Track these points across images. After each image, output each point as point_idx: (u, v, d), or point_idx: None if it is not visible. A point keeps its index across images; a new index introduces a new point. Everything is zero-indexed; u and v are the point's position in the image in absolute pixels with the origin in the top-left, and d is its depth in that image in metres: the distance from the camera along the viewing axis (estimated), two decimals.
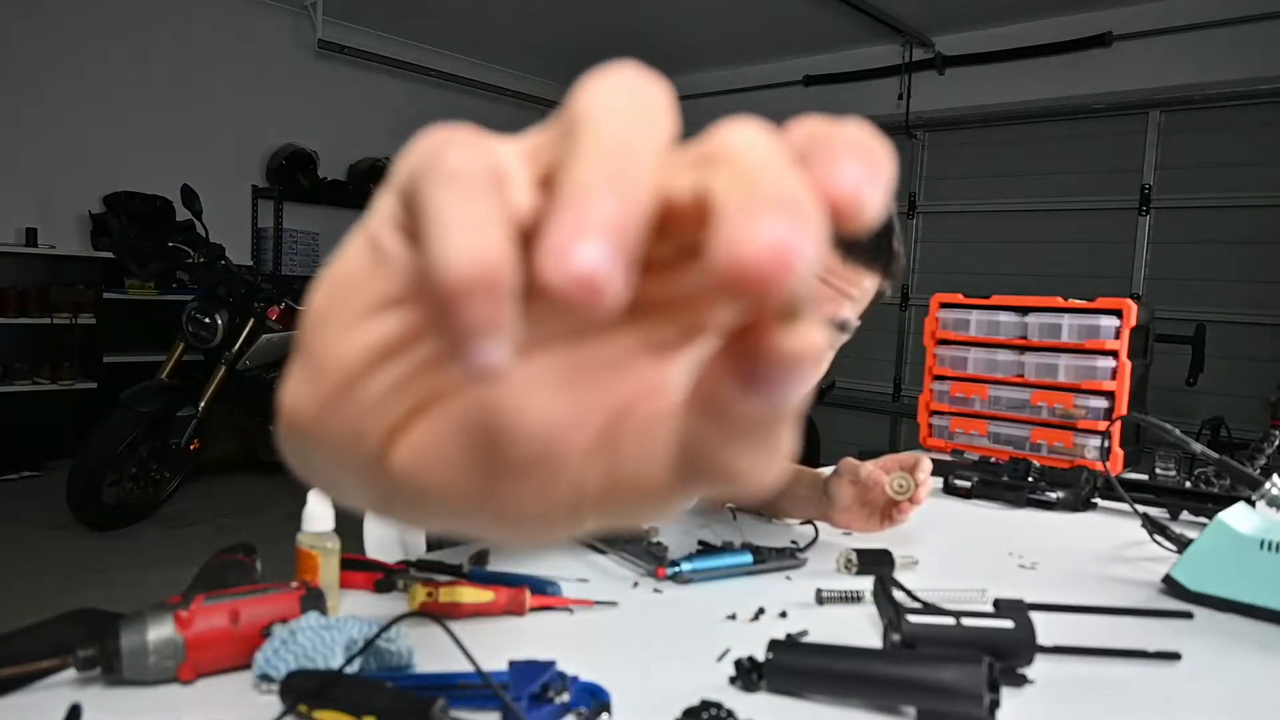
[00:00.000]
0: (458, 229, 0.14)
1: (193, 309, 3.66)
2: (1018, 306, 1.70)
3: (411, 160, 0.16)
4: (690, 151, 0.16)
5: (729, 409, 0.15)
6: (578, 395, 0.17)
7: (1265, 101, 4.21)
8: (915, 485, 0.96)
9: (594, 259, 0.14)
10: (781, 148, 0.15)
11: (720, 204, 0.14)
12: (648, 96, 0.16)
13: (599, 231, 0.14)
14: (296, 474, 0.25)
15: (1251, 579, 0.83)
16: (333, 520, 0.73)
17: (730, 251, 0.14)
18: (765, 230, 0.13)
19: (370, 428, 0.18)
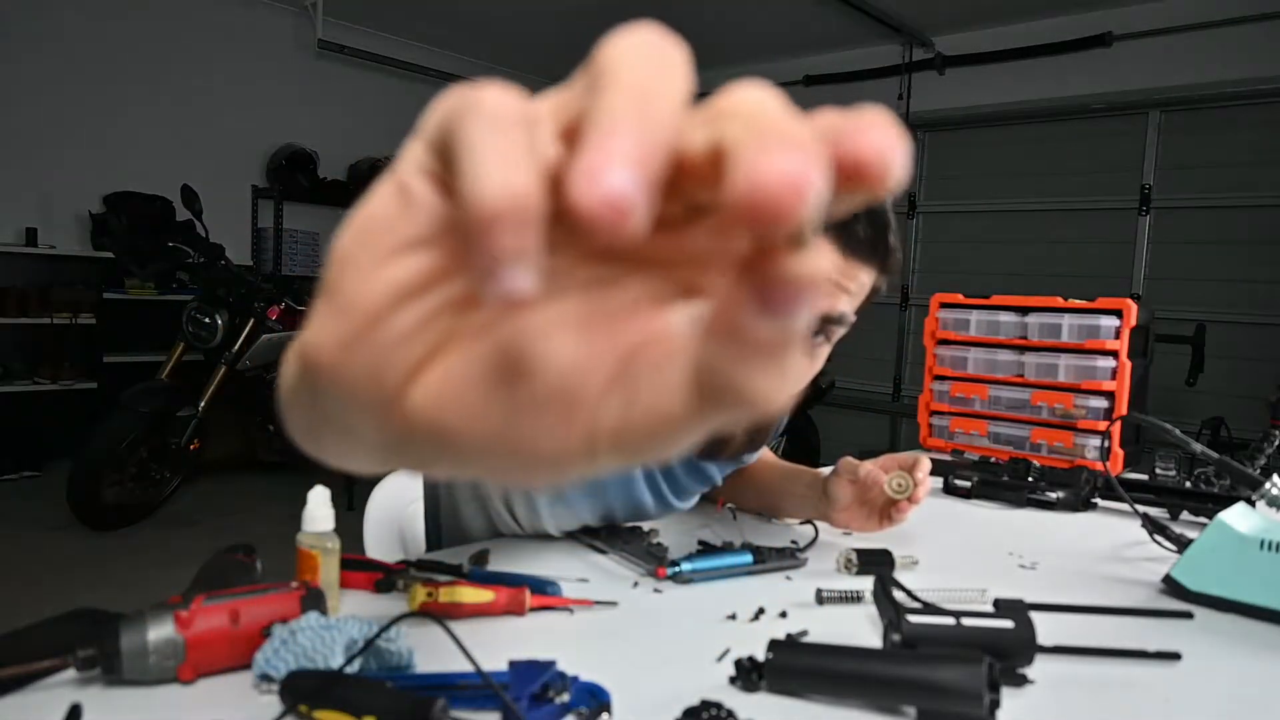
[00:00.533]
0: (492, 161, 0.16)
1: (193, 309, 3.66)
2: (1018, 306, 1.70)
3: (441, 110, 0.18)
4: (702, 110, 0.17)
5: (746, 332, 0.17)
6: (594, 336, 0.18)
7: (1265, 101, 4.21)
8: (914, 485, 0.96)
9: (622, 183, 0.15)
10: (786, 105, 0.16)
11: (736, 146, 0.15)
12: (668, 51, 0.17)
13: (627, 159, 0.15)
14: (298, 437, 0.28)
15: (1251, 579, 0.83)
16: (333, 520, 0.73)
17: (749, 180, 0.15)
18: (780, 162, 0.15)
19: (391, 365, 0.18)
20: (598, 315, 0.18)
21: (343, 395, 0.19)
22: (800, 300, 0.16)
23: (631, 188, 0.15)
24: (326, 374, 0.19)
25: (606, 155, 0.15)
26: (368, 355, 0.18)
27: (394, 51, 5.72)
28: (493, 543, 0.97)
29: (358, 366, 0.19)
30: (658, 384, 0.18)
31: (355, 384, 0.19)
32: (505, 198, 0.15)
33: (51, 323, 4.28)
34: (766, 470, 1.18)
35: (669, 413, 0.18)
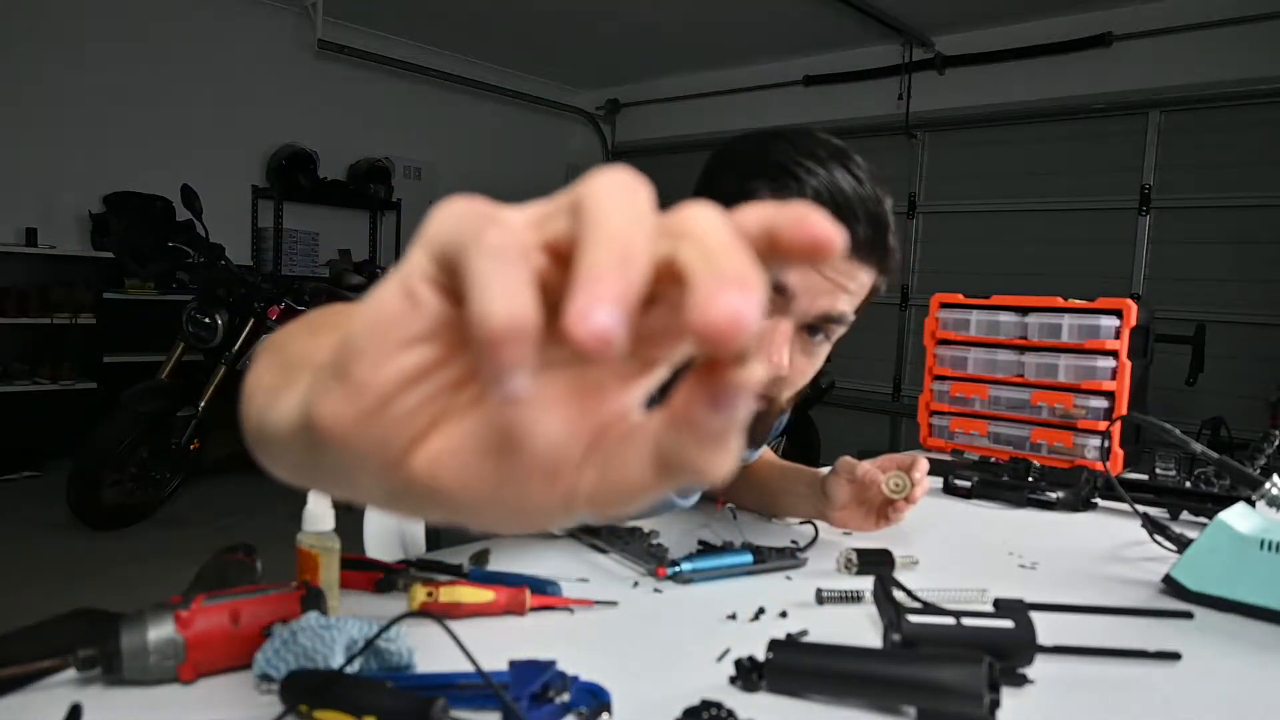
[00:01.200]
0: (498, 292, 0.19)
1: (193, 309, 3.66)
2: (1018, 306, 1.70)
3: (442, 228, 0.21)
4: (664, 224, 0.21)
5: (699, 423, 0.21)
6: (572, 415, 0.22)
7: (1265, 101, 4.21)
8: (911, 485, 0.96)
9: (608, 321, 0.19)
10: (733, 230, 0.20)
11: (690, 275, 0.19)
12: (637, 194, 0.21)
13: (611, 301, 0.19)
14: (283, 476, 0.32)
15: (1251, 579, 0.83)
16: (333, 520, 0.73)
17: (702, 316, 0.19)
18: (726, 302, 0.19)
19: (397, 436, 0.22)
20: (573, 393, 0.22)
21: (351, 459, 0.23)
22: (741, 399, 0.21)
23: (614, 322, 0.19)
24: (338, 443, 0.23)
25: (593, 298, 0.19)
26: (377, 429, 0.22)
27: (394, 51, 5.72)
28: (493, 542, 0.97)
29: (368, 438, 0.22)
30: (625, 458, 0.22)
31: (364, 451, 0.23)
32: (509, 324, 0.19)
33: (51, 323, 4.28)
34: (766, 469, 1.18)
35: (634, 481, 0.22)
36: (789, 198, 0.74)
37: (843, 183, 0.79)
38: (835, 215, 0.65)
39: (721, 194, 0.83)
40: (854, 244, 0.81)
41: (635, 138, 6.84)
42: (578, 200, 0.20)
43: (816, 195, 0.79)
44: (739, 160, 0.84)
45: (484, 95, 6.33)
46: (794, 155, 0.80)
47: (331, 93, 5.58)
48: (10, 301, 4.20)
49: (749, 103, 5.91)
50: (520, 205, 0.22)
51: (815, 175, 0.79)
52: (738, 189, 0.81)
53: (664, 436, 0.22)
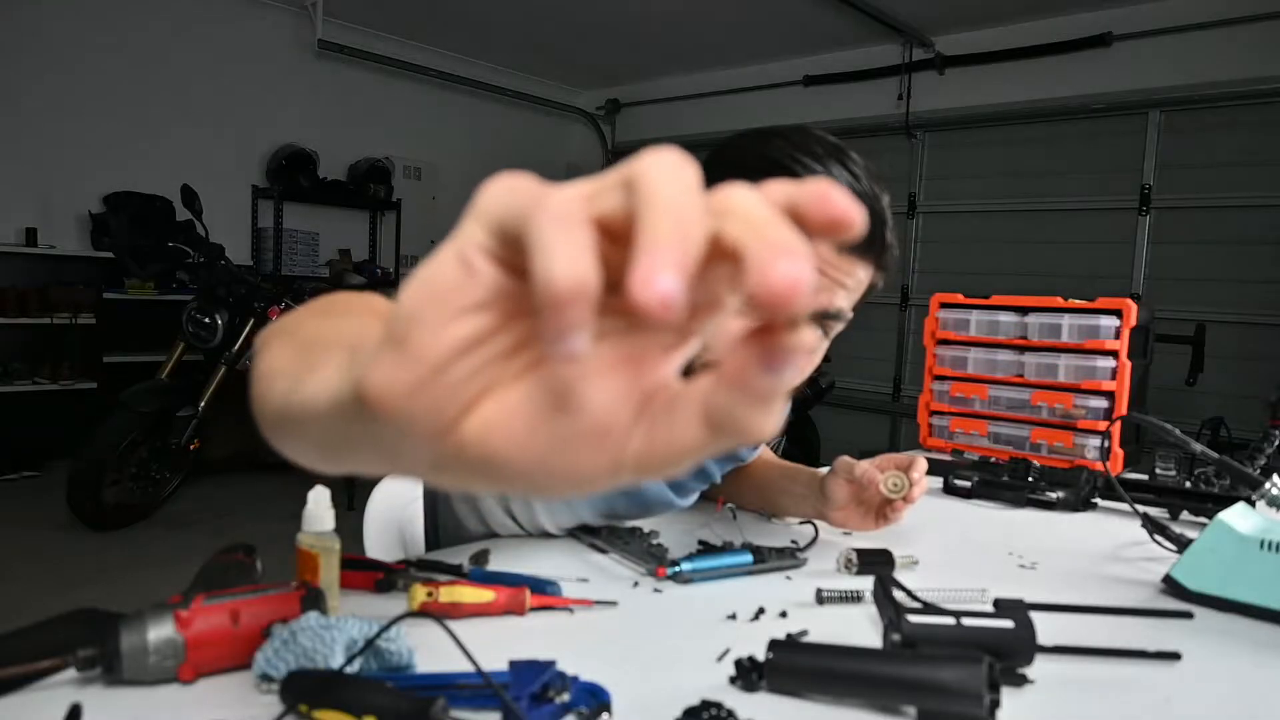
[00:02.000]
0: (561, 256, 0.20)
1: (193, 309, 3.66)
2: (1018, 306, 1.70)
3: (497, 201, 0.22)
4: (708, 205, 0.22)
5: (752, 383, 0.22)
6: (622, 380, 0.23)
7: (1265, 101, 4.21)
8: (909, 485, 0.96)
9: (670, 285, 0.20)
10: (770, 206, 0.22)
11: (744, 247, 0.21)
12: (687, 171, 0.22)
13: (672, 267, 0.20)
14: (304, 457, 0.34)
15: (1251, 579, 0.83)
16: (333, 520, 0.73)
17: (763, 282, 0.20)
18: (784, 269, 0.20)
19: (451, 404, 0.23)
20: (621, 361, 0.23)
21: (401, 427, 0.24)
22: (793, 362, 0.22)
23: (676, 288, 0.20)
24: (391, 411, 0.23)
25: (656, 264, 0.20)
26: (433, 396, 0.23)
27: (394, 51, 5.72)
28: (492, 543, 0.97)
29: (422, 405, 0.23)
30: (673, 420, 0.23)
31: (416, 419, 0.23)
32: (573, 285, 0.20)
33: (51, 323, 4.28)
34: (765, 469, 1.18)
35: (683, 443, 0.23)
36: None
37: (840, 179, 0.80)
38: None
39: None
40: (858, 243, 0.80)
41: (635, 138, 6.83)
42: (632, 176, 0.21)
43: None
44: (737, 159, 0.85)
45: (484, 95, 6.33)
46: (791, 153, 0.81)
47: (331, 93, 5.58)
48: (10, 301, 4.20)
49: (749, 103, 5.91)
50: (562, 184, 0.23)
51: (813, 172, 0.80)
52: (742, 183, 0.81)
53: (715, 397, 0.23)
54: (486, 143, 6.45)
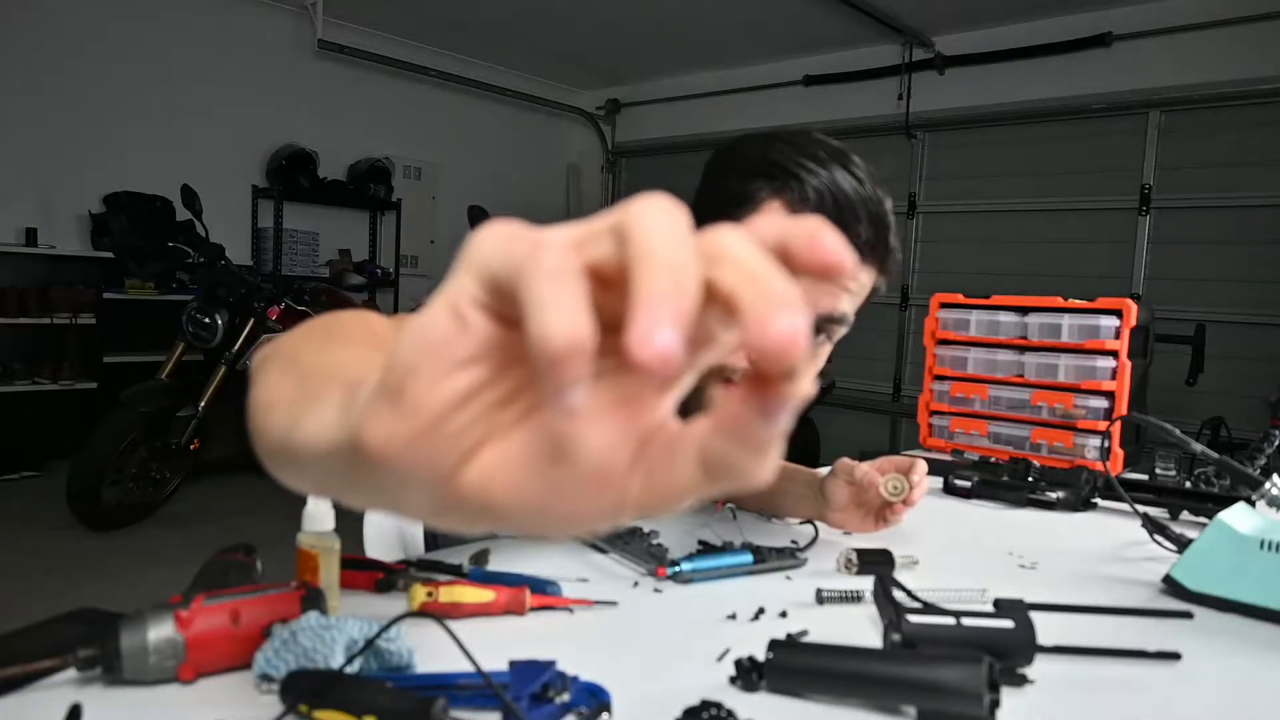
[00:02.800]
0: (558, 313, 0.20)
1: (193, 309, 3.66)
2: (1018, 306, 1.70)
3: (489, 253, 0.22)
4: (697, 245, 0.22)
5: (749, 431, 0.22)
6: (618, 425, 0.23)
7: (1265, 101, 4.21)
8: (909, 487, 0.96)
9: (670, 342, 0.20)
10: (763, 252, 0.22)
11: (740, 299, 0.21)
12: (679, 220, 0.21)
13: (670, 324, 0.20)
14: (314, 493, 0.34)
15: (1252, 579, 0.83)
16: (333, 520, 0.73)
17: (760, 336, 0.20)
18: (782, 324, 0.20)
19: (449, 454, 0.23)
20: (616, 404, 0.23)
21: (400, 477, 0.24)
22: (788, 410, 0.22)
23: (675, 343, 0.20)
24: (390, 462, 0.24)
25: (655, 322, 0.20)
26: (431, 447, 0.23)
27: (394, 51, 5.72)
28: (492, 542, 0.97)
29: (421, 456, 0.23)
30: (671, 463, 0.23)
31: (415, 469, 0.23)
32: (570, 343, 0.20)
33: (51, 323, 4.28)
34: None
35: (681, 486, 0.23)
36: (789, 198, 0.76)
37: (843, 183, 0.80)
38: (836, 215, 0.64)
39: (722, 194, 0.84)
40: (857, 246, 0.81)
41: (635, 138, 6.84)
42: (623, 226, 0.21)
43: (818, 195, 0.79)
44: (740, 161, 0.84)
45: (484, 95, 6.33)
46: (795, 156, 0.81)
47: (331, 93, 5.57)
48: (10, 301, 4.20)
49: (749, 103, 5.90)
50: (552, 227, 0.23)
51: (816, 175, 0.79)
52: (738, 189, 0.82)
53: (711, 443, 0.23)
54: (486, 143, 6.45)
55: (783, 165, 0.81)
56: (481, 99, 6.35)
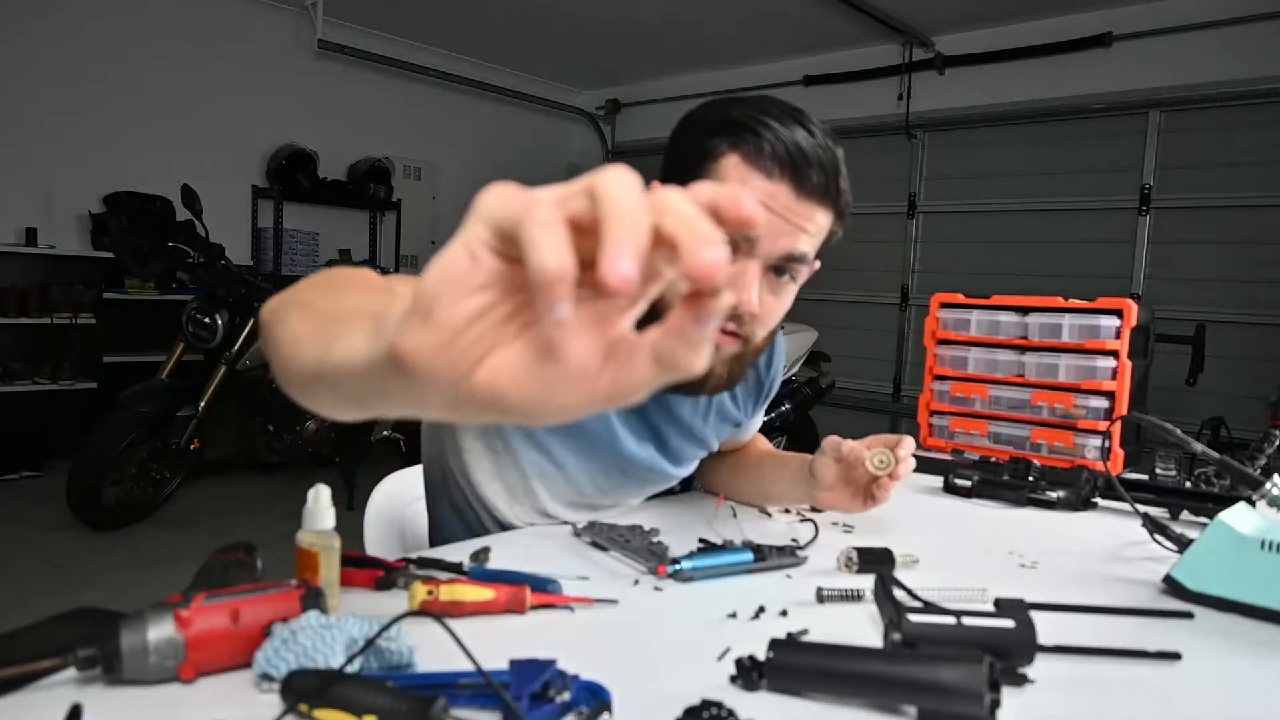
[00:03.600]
0: (549, 250, 0.28)
1: (193, 309, 3.65)
2: (1018, 306, 1.70)
3: (494, 205, 0.30)
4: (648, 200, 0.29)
5: (687, 333, 0.31)
6: (593, 335, 0.31)
7: (1265, 101, 4.21)
8: (896, 461, 0.97)
9: (628, 270, 0.28)
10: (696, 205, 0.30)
11: (679, 239, 0.29)
12: (636, 184, 0.29)
13: (630, 257, 0.28)
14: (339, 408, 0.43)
15: (1252, 579, 0.83)
16: (333, 518, 0.73)
17: (694, 265, 0.29)
18: (707, 255, 0.29)
19: (465, 359, 0.31)
20: (590, 322, 0.31)
21: (425, 379, 0.32)
22: (715, 317, 0.31)
23: (633, 271, 0.28)
24: (419, 367, 0.31)
25: (619, 256, 0.28)
26: (451, 354, 0.31)
27: (394, 51, 5.72)
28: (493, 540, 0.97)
29: (445, 361, 0.31)
30: (631, 363, 0.32)
31: (438, 372, 0.31)
32: (557, 270, 0.28)
33: (51, 323, 4.27)
34: (759, 457, 1.21)
35: (640, 378, 0.32)
36: (746, 150, 0.86)
37: (797, 136, 0.86)
38: (790, 164, 0.75)
39: (686, 152, 0.90)
40: (810, 189, 0.86)
41: (635, 138, 6.83)
42: (594, 187, 0.29)
43: (771, 147, 0.85)
44: (701, 121, 0.91)
45: (484, 95, 6.33)
46: (752, 114, 0.87)
47: (331, 93, 5.57)
48: (10, 301, 4.20)
49: None
50: (541, 188, 0.31)
51: (771, 129, 0.85)
52: (700, 146, 0.88)
53: (660, 344, 0.32)
54: (486, 143, 6.45)
55: (740, 122, 0.86)
56: (482, 99, 6.35)
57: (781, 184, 0.85)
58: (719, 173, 0.87)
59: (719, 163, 0.87)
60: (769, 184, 0.85)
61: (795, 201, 0.86)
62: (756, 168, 0.85)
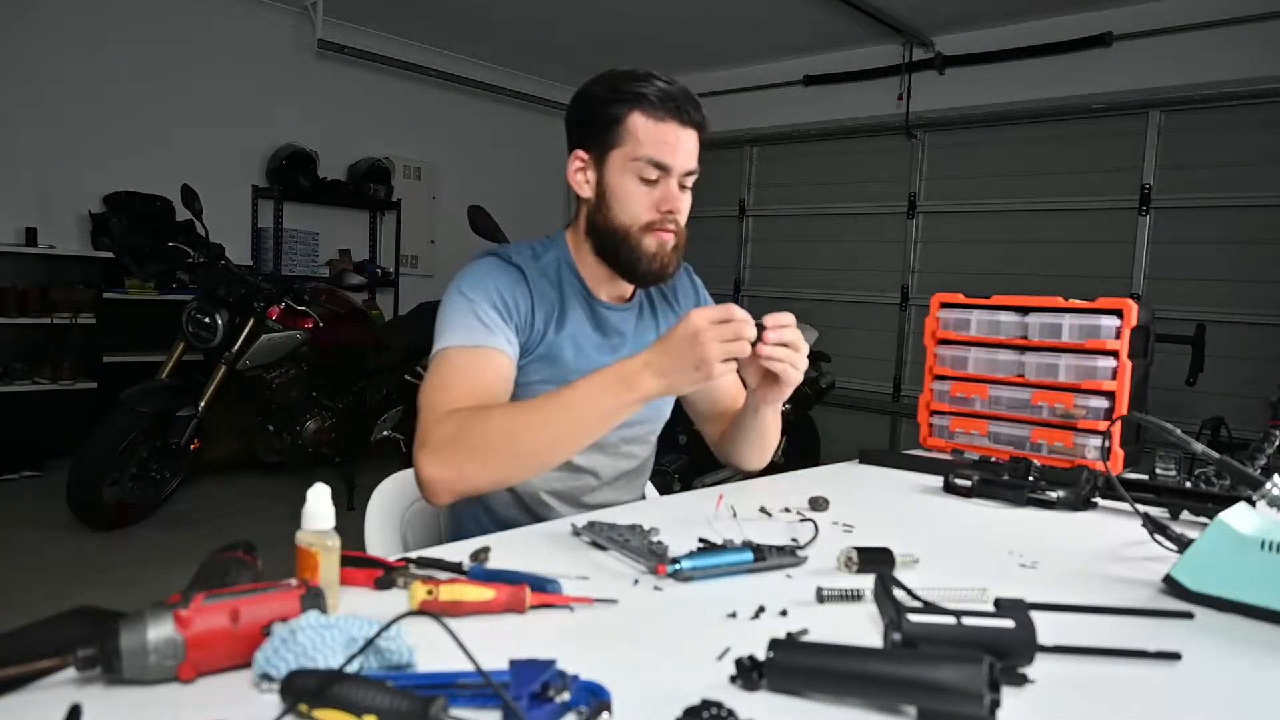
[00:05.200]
0: (744, 325, 1.02)
1: (193, 309, 3.65)
2: (1018, 306, 1.70)
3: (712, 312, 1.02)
4: None
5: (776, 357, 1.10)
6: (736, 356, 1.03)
7: (1265, 101, 4.21)
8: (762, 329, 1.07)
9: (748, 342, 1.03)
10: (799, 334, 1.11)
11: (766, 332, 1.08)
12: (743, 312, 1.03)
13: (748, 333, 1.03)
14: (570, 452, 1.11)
15: (1252, 579, 0.83)
16: (333, 518, 0.73)
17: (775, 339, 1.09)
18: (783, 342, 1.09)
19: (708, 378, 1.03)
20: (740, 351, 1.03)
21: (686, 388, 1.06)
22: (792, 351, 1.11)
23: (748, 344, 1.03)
24: (691, 387, 1.05)
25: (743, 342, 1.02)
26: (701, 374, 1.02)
27: (394, 51, 5.72)
28: (493, 540, 0.97)
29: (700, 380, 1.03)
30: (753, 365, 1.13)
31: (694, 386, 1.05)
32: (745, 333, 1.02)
33: (51, 323, 4.27)
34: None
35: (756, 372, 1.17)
36: (643, 107, 1.17)
37: (666, 87, 1.19)
38: (676, 107, 1.21)
39: (595, 121, 1.20)
40: (688, 120, 1.20)
41: None
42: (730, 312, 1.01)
43: (658, 100, 1.17)
44: (595, 98, 1.21)
45: (484, 95, 6.32)
46: (628, 83, 1.18)
47: (331, 93, 5.57)
48: (10, 301, 4.19)
49: (749, 103, 5.90)
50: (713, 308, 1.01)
51: (648, 86, 1.18)
52: (606, 114, 1.19)
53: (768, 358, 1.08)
54: (486, 143, 6.45)
55: (626, 90, 1.18)
56: (482, 99, 6.35)
57: (671, 124, 1.18)
58: (630, 127, 1.17)
59: (627, 121, 1.18)
60: (664, 126, 1.17)
61: (682, 131, 1.19)
62: (652, 117, 1.17)
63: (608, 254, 1.22)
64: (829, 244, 5.74)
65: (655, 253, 1.20)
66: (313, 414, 3.93)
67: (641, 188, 1.19)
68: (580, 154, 1.23)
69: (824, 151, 5.79)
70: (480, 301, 1.15)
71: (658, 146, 1.17)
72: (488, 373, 1.12)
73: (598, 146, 1.21)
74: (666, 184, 1.19)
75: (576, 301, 1.25)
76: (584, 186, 1.23)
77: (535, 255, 1.25)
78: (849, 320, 5.58)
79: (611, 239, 1.21)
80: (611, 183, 1.20)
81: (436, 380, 1.11)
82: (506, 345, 1.15)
